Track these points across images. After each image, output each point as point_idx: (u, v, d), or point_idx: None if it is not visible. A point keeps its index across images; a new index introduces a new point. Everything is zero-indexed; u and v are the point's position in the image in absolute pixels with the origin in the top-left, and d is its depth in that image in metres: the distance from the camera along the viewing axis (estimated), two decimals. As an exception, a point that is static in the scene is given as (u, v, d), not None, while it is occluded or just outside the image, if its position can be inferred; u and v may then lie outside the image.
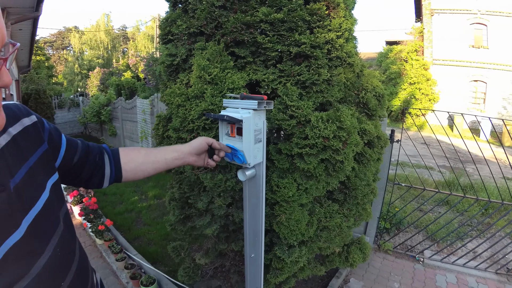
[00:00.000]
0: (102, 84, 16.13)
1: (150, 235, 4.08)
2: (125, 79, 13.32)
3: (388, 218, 3.75)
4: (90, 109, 11.37)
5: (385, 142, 2.32)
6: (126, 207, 5.14)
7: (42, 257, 0.69)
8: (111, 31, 31.01)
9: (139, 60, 14.63)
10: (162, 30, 2.10)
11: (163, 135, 2.06)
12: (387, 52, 15.53)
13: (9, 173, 0.67)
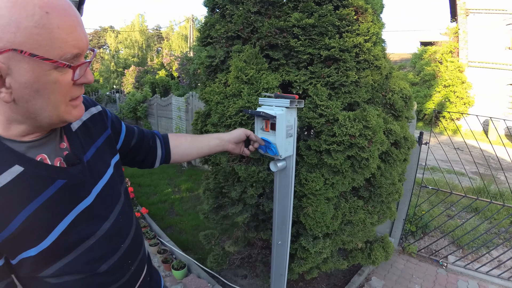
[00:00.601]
0: (137, 82, 16.71)
1: (182, 224, 4.32)
2: (159, 77, 13.80)
3: (414, 221, 3.75)
4: (127, 105, 11.86)
5: (412, 143, 2.39)
6: (160, 198, 5.41)
7: (108, 221, 0.84)
8: (145, 31, 32.02)
9: (173, 59, 15.09)
10: (202, 33, 2.28)
11: (202, 129, 2.24)
12: (422, 53, 14.99)
13: (82, 150, 0.82)
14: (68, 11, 0.64)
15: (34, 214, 0.69)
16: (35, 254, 0.71)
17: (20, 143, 0.71)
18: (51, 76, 0.64)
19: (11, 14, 0.58)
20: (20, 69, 0.61)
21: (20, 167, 0.69)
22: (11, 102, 0.65)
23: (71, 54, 0.65)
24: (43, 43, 0.61)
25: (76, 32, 0.65)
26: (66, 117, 0.72)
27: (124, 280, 0.88)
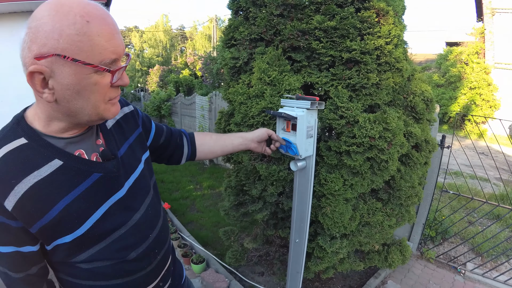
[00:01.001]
0: (161, 81, 17.04)
1: (202, 221, 4.42)
2: (183, 77, 14.05)
3: (434, 225, 3.68)
4: (151, 103, 12.13)
5: (433, 146, 2.37)
6: (181, 194, 5.56)
7: (138, 212, 0.91)
8: (169, 30, 32.52)
9: (196, 58, 15.32)
10: (226, 35, 2.35)
11: (225, 129, 2.31)
12: (447, 54, 14.44)
13: (116, 146, 0.90)
14: (106, 20, 0.70)
15: (71, 204, 0.76)
16: (70, 241, 0.78)
17: (60, 139, 0.78)
18: (91, 79, 0.71)
19: (54, 22, 0.64)
20: (62, 72, 0.68)
21: (60, 161, 0.76)
22: (53, 102, 0.71)
23: (110, 59, 0.72)
24: (85, 49, 0.67)
25: (114, 39, 0.72)
26: (105, 115, 0.79)
27: (151, 268, 0.95)
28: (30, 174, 0.72)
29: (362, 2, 1.92)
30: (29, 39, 0.66)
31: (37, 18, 0.65)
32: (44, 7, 0.66)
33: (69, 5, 0.66)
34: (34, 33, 0.65)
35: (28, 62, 0.67)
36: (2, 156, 0.71)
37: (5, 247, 0.74)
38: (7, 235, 0.74)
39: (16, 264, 0.77)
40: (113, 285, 0.88)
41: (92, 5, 0.69)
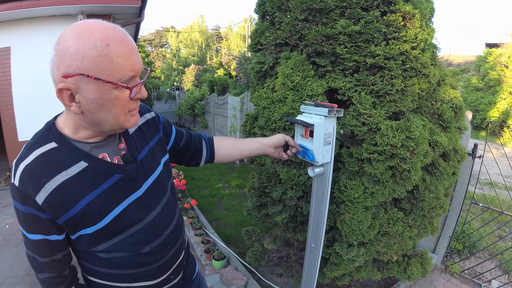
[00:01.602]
0: (196, 80, 17.42)
1: (228, 219, 4.50)
2: (218, 76, 14.28)
3: (462, 239, 3.51)
4: (185, 102, 12.45)
5: (462, 156, 2.28)
6: (210, 192, 5.68)
7: (154, 211, 1.00)
8: (205, 31, 33.10)
9: (231, 58, 15.52)
10: (252, 40, 2.39)
11: (250, 131, 2.36)
12: (486, 55, 13.53)
13: (137, 150, 0.98)
14: (124, 41, 0.78)
15: (94, 201, 0.86)
16: (92, 233, 0.88)
17: (86, 143, 0.88)
18: (112, 94, 0.79)
19: (77, 46, 0.73)
20: (87, 89, 0.76)
21: (85, 163, 0.86)
22: (80, 113, 0.81)
23: (128, 77, 0.79)
24: (105, 69, 0.75)
25: (132, 58, 0.79)
26: (124, 125, 0.87)
27: (163, 262, 1.03)
28: (59, 174, 0.82)
29: (387, 5, 1.88)
30: (57, 60, 0.75)
31: (63, 42, 0.74)
32: (69, 31, 0.75)
33: (90, 30, 0.74)
34: (61, 55, 0.74)
35: (57, 79, 0.76)
36: (35, 157, 0.82)
37: (35, 235, 0.86)
38: (37, 225, 0.85)
39: (43, 250, 0.89)
40: (127, 274, 0.97)
41: (111, 28, 0.77)
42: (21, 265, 3.49)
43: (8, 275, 3.32)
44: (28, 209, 0.82)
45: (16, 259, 3.63)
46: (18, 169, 0.82)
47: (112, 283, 0.98)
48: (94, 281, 1.00)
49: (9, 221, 4.69)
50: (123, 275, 0.97)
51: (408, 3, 1.90)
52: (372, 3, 1.88)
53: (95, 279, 0.99)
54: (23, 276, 3.28)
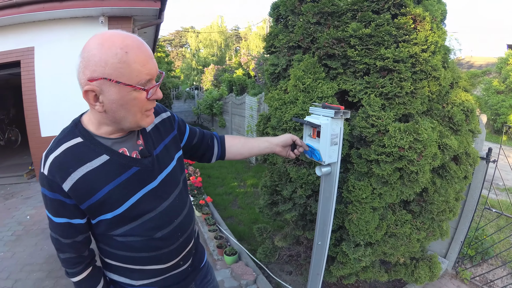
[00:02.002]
0: (215, 80, 17.61)
1: (241, 217, 4.60)
2: (236, 76, 14.41)
3: (474, 244, 3.44)
4: (204, 102, 12.67)
5: (474, 160, 2.27)
6: (225, 190, 5.81)
7: (167, 201, 1.10)
8: (224, 31, 33.30)
9: (250, 58, 15.62)
10: (267, 42, 2.45)
11: (263, 131, 2.42)
12: (508, 57, 13.01)
13: (153, 146, 1.09)
14: (141, 49, 0.89)
15: (114, 190, 0.97)
16: (110, 218, 0.99)
17: (108, 139, 0.99)
18: (131, 95, 0.90)
19: (101, 54, 0.84)
20: (109, 90, 0.88)
21: (107, 156, 0.97)
22: (103, 112, 0.92)
23: (145, 80, 0.90)
24: (125, 74, 0.86)
25: (148, 64, 0.90)
26: (141, 123, 0.98)
27: (173, 247, 1.12)
28: (84, 165, 0.93)
29: (398, 8, 1.89)
30: (83, 66, 0.86)
31: (88, 50, 0.86)
32: (93, 41, 0.86)
33: (111, 40, 0.85)
34: (86, 61, 0.86)
35: (83, 83, 0.88)
36: (63, 150, 0.93)
37: (60, 219, 0.97)
38: (62, 210, 0.96)
39: (66, 232, 1.00)
40: (141, 257, 1.07)
41: (129, 38, 0.88)
42: (40, 254, 3.66)
43: (27, 262, 3.49)
44: (55, 195, 0.93)
45: (35, 248, 3.81)
46: (48, 160, 0.93)
47: (126, 265, 1.08)
48: (110, 263, 1.10)
49: (30, 212, 4.91)
50: (136, 258, 1.07)
51: (419, 5, 1.91)
52: (383, 6, 1.90)
53: (111, 261, 1.09)
54: (41, 264, 3.44)
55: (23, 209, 5.04)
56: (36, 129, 6.32)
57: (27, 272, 3.30)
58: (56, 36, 6.11)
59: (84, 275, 1.06)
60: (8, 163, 8.06)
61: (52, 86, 6.20)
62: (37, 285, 3.08)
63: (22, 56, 6.10)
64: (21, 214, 4.85)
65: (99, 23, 6.00)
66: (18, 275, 3.26)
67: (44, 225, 4.43)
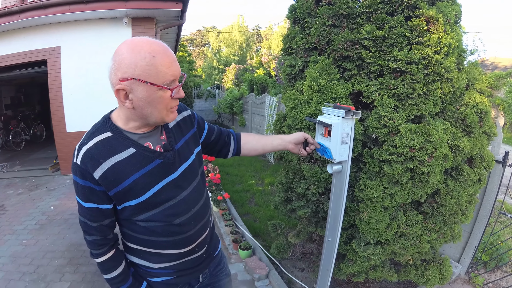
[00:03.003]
0: (236, 79, 17.76)
1: (258, 214, 4.70)
2: (257, 76, 14.49)
3: (488, 250, 3.37)
4: (225, 101, 12.89)
5: (489, 163, 2.26)
6: (243, 187, 5.95)
7: (186, 191, 1.20)
8: (245, 31, 33.36)
9: (271, 58, 15.66)
10: (284, 44, 2.52)
11: (280, 130, 2.50)
12: None
13: (174, 141, 1.20)
14: (166, 53, 1.00)
15: (139, 179, 1.07)
16: (135, 204, 1.09)
17: (134, 134, 1.10)
18: (157, 94, 1.01)
19: (131, 57, 0.96)
20: (138, 89, 0.99)
21: (134, 149, 1.08)
22: (132, 109, 1.03)
23: (170, 80, 1.01)
24: (153, 75, 0.97)
25: (172, 66, 1.01)
26: (166, 119, 1.09)
27: (190, 234, 1.22)
28: (113, 156, 1.04)
29: (412, 10, 1.92)
30: (115, 68, 0.98)
31: (119, 54, 0.97)
32: (123, 46, 0.98)
33: (140, 45, 0.97)
34: (118, 64, 0.97)
35: (115, 82, 0.99)
36: (95, 143, 1.05)
37: (89, 204, 1.08)
38: (92, 195, 1.07)
39: (94, 216, 1.10)
40: (160, 241, 1.17)
41: (156, 43, 1.00)
42: (62, 242, 3.85)
43: (49, 250, 3.69)
44: (86, 182, 1.05)
45: (58, 237, 4.00)
46: (81, 151, 1.04)
47: (147, 248, 1.19)
48: (132, 247, 1.21)
49: (54, 203, 5.14)
50: (156, 242, 1.17)
51: (432, 7, 1.93)
52: (397, 8, 1.94)
53: (133, 244, 1.20)
54: (63, 252, 3.63)
55: (47, 200, 5.28)
56: (61, 125, 6.59)
57: (49, 259, 3.48)
58: (82, 36, 6.36)
59: (107, 256, 1.16)
60: (33, 156, 8.41)
61: (77, 84, 6.46)
62: (58, 271, 3.25)
63: (48, 55, 6.38)
64: (45, 204, 5.09)
65: (123, 24, 6.22)
66: (41, 261, 3.44)
67: (67, 215, 4.64)
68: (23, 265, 3.37)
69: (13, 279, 3.13)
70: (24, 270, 3.27)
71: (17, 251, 3.65)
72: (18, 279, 3.13)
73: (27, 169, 7.15)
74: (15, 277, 3.16)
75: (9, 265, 3.37)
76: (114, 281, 1.19)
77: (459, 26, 2.15)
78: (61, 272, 3.22)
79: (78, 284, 3.02)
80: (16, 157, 8.31)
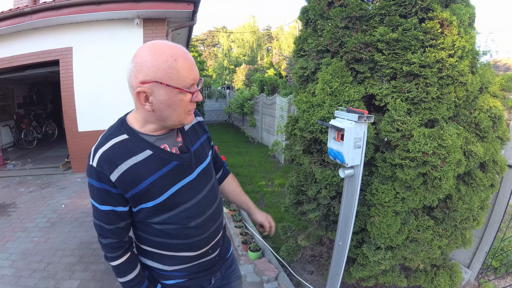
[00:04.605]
0: (247, 79, 17.79)
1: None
2: (268, 76, 14.51)
3: (499, 256, 3.30)
4: (235, 101, 12.94)
5: (502, 168, 2.23)
6: (253, 188, 5.94)
7: (201, 193, 1.21)
8: (256, 31, 33.38)
9: (281, 58, 15.66)
10: (296, 46, 2.51)
11: (291, 132, 2.49)
12: None
13: (190, 143, 1.21)
14: (187, 58, 1.01)
15: (155, 181, 1.08)
16: (151, 206, 1.10)
17: (151, 136, 1.10)
18: (178, 97, 1.02)
19: (153, 60, 0.96)
20: (159, 92, 0.99)
21: (150, 151, 1.08)
22: (151, 111, 1.03)
23: (190, 84, 1.02)
24: (174, 78, 0.98)
25: (192, 70, 1.02)
26: (184, 122, 1.10)
27: (205, 236, 1.23)
28: (130, 159, 1.05)
29: (426, 12, 1.90)
30: (136, 70, 0.98)
31: (140, 57, 0.98)
32: (145, 49, 0.99)
33: (162, 49, 0.98)
34: (139, 66, 0.98)
35: (135, 85, 0.99)
36: (111, 145, 1.05)
37: (105, 206, 1.08)
38: (108, 198, 1.07)
39: (110, 219, 1.10)
40: (175, 243, 1.18)
41: (177, 47, 1.01)
42: (73, 240, 3.89)
43: (59, 248, 3.73)
44: (102, 185, 1.05)
45: (68, 235, 4.05)
46: (97, 154, 1.04)
47: (161, 251, 1.19)
48: (146, 249, 1.22)
49: (65, 201, 5.20)
50: (171, 244, 1.18)
51: (446, 9, 1.90)
52: (411, 10, 1.92)
53: (147, 247, 1.21)
54: (73, 250, 3.67)
55: (58, 198, 5.35)
56: (73, 124, 6.68)
57: (59, 257, 3.53)
58: (94, 37, 6.45)
59: (123, 259, 1.16)
60: (45, 155, 8.53)
61: (89, 84, 6.56)
62: (68, 269, 3.29)
63: (61, 56, 6.48)
64: (56, 202, 5.15)
65: (134, 24, 6.28)
66: (51, 259, 3.49)
67: (77, 214, 4.69)
68: (33, 262, 3.42)
69: (23, 276, 3.18)
70: (35, 267, 3.32)
71: (28, 249, 3.71)
72: (28, 276, 3.18)
73: (38, 167, 7.25)
74: (25, 274, 3.21)
75: (19, 262, 3.42)
76: (130, 284, 1.19)
77: (473, 28, 2.12)
78: (71, 270, 3.26)
79: (88, 282, 3.05)
80: (28, 155, 8.45)
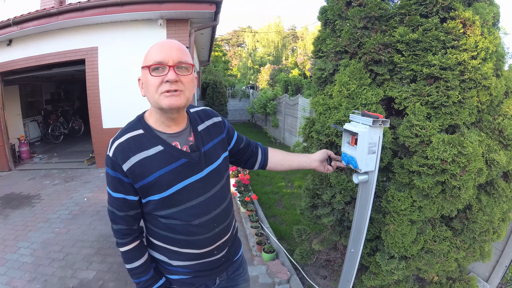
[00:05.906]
0: (271, 79, 17.78)
1: (285, 217, 4.67)
2: (292, 76, 14.47)
3: None
4: (258, 101, 13.00)
5: (528, 178, 2.12)
6: (272, 189, 5.95)
7: (209, 193, 1.24)
8: (281, 31, 33.29)
9: (306, 58, 15.52)
10: (315, 47, 2.47)
11: (308, 134, 2.47)
12: None
13: (202, 143, 1.24)
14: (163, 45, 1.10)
15: (163, 175, 1.14)
16: (157, 199, 1.16)
17: (164, 133, 1.18)
18: (147, 77, 1.10)
19: None
20: (142, 76, 1.13)
21: (161, 147, 1.15)
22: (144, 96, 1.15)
23: (153, 62, 1.08)
24: (145, 59, 1.11)
25: (161, 52, 1.08)
26: (160, 103, 1.10)
27: (208, 236, 1.26)
28: (142, 152, 1.13)
29: (447, 11, 1.81)
30: None
31: None
32: None
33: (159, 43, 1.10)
34: None
35: None
36: (127, 138, 1.14)
37: (117, 194, 1.16)
38: (120, 186, 1.15)
39: (121, 206, 1.18)
40: (179, 239, 1.22)
41: (169, 40, 1.13)
42: (92, 233, 4.03)
43: (79, 239, 3.88)
44: (116, 173, 1.13)
45: (89, 227, 4.19)
46: (113, 145, 1.13)
47: (167, 245, 1.24)
48: (154, 242, 1.28)
49: (88, 195, 5.38)
50: (175, 240, 1.22)
51: (469, 8, 1.81)
52: (432, 9, 1.84)
53: (155, 240, 1.27)
54: (92, 242, 3.80)
55: (81, 192, 5.53)
56: (98, 121, 6.91)
57: (79, 248, 3.67)
58: (118, 37, 6.66)
59: (131, 246, 1.23)
60: (70, 149, 8.86)
61: (114, 83, 6.78)
62: (86, 260, 3.42)
63: (86, 55, 6.72)
64: (79, 196, 5.34)
65: (158, 25, 6.43)
66: (70, 249, 3.63)
67: (99, 207, 4.84)
68: (53, 252, 3.57)
69: (42, 264, 3.33)
70: (54, 257, 3.46)
71: (49, 238, 3.88)
72: (47, 264, 3.32)
73: (64, 161, 7.53)
74: (44, 263, 3.35)
75: (40, 251, 3.58)
76: (135, 271, 1.25)
77: (498, 28, 2.00)
78: (88, 261, 3.38)
79: (104, 273, 3.14)
80: (54, 150, 8.80)
